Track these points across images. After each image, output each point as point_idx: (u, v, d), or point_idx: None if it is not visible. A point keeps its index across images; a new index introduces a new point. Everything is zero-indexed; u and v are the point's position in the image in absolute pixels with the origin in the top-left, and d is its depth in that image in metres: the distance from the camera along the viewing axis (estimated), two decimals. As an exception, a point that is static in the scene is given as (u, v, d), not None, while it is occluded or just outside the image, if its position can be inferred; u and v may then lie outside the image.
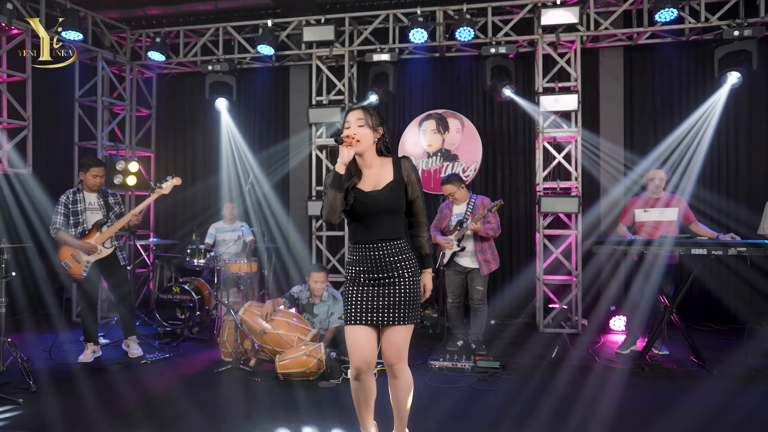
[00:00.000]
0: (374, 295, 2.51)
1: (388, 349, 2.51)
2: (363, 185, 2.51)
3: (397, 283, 2.50)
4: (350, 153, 2.41)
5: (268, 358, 4.47)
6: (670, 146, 6.03)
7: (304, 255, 6.69)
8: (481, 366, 4.30)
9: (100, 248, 4.55)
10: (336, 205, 2.42)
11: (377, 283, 2.51)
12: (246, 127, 7.18)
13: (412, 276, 2.52)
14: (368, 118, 2.51)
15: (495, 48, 5.70)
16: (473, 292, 4.91)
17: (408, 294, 2.50)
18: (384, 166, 2.55)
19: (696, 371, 4.33)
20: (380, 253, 2.49)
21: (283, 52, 6.52)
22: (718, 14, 5.53)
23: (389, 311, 2.49)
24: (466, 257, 4.89)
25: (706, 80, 6.05)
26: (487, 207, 4.77)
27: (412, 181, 2.54)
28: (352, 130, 2.48)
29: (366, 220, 2.50)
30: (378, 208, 2.47)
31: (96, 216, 4.62)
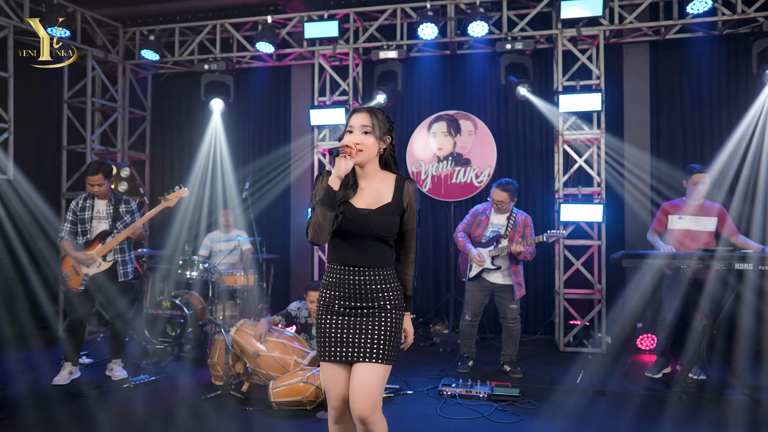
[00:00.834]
0: (349, 327, 2.11)
1: (359, 395, 2.03)
2: (356, 200, 2.11)
3: (378, 315, 2.10)
4: (348, 165, 2.01)
5: (263, 383, 4.05)
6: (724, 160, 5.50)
7: (306, 266, 6.28)
8: (499, 393, 3.85)
9: (99, 261, 4.20)
10: (325, 225, 2.01)
11: (354, 314, 2.11)
12: (245, 130, 6.81)
13: (395, 309, 2.13)
14: (376, 124, 2.10)
15: (511, 44, 5.28)
16: (507, 311, 4.46)
17: (389, 329, 2.10)
18: (385, 183, 2.15)
19: (740, 401, 3.86)
20: (361, 278, 2.09)
21: (283, 50, 6.14)
22: (755, 5, 5.07)
23: (365, 347, 2.07)
24: (498, 274, 4.45)
25: (739, 77, 5.59)
26: (533, 238, 4.35)
27: (412, 210, 2.15)
28: (354, 137, 2.08)
29: (350, 240, 2.10)
30: (366, 230, 2.07)
31: (102, 225, 4.27)
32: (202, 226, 6.52)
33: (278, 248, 6.37)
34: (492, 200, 4.43)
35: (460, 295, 6.00)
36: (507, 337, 4.55)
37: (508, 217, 4.43)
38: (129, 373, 4.39)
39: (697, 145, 5.70)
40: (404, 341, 2.24)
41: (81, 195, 4.32)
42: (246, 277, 5.38)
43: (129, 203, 4.38)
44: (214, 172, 6.85)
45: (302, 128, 6.38)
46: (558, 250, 5.50)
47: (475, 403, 3.79)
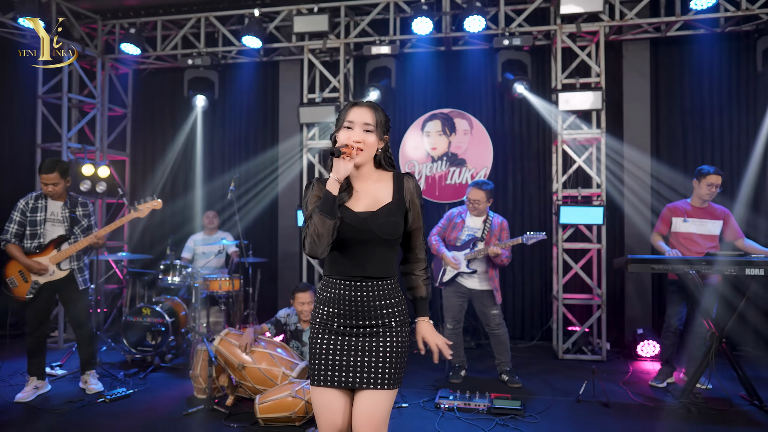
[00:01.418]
0: (350, 349, 1.86)
1: (365, 426, 1.81)
2: (352, 203, 1.88)
3: (382, 334, 1.87)
4: (348, 167, 1.78)
5: (248, 396, 3.80)
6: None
7: (294, 270, 6.03)
8: (499, 407, 3.64)
9: (52, 269, 3.88)
10: (324, 234, 1.76)
11: (355, 333, 1.87)
12: (230, 128, 6.54)
13: (400, 326, 1.91)
14: (377, 121, 1.88)
15: (508, 39, 5.08)
16: (488, 318, 4.27)
17: (395, 350, 1.87)
18: (381, 182, 1.93)
19: (751, 412, 3.69)
20: (364, 294, 1.85)
21: (271, 45, 5.88)
22: (759, 2, 4.93)
23: (368, 371, 1.84)
24: (474, 279, 4.26)
25: (741, 77, 5.45)
26: (510, 241, 4.17)
27: (416, 207, 1.93)
28: (355, 135, 1.84)
29: (350, 249, 1.86)
30: (368, 235, 1.83)
31: (57, 230, 3.93)
32: (185, 228, 6.24)
33: (265, 252, 6.11)
34: (468, 200, 4.27)
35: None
36: (497, 345, 4.35)
37: (485, 220, 4.26)
38: (104, 385, 4.11)
39: (697, 147, 5.55)
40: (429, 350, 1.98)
41: (31, 194, 3.95)
42: (231, 282, 5.11)
43: (86, 206, 4.07)
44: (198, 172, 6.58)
45: (291, 126, 6.13)
46: (556, 254, 5.32)
47: (474, 416, 3.57)
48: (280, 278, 6.13)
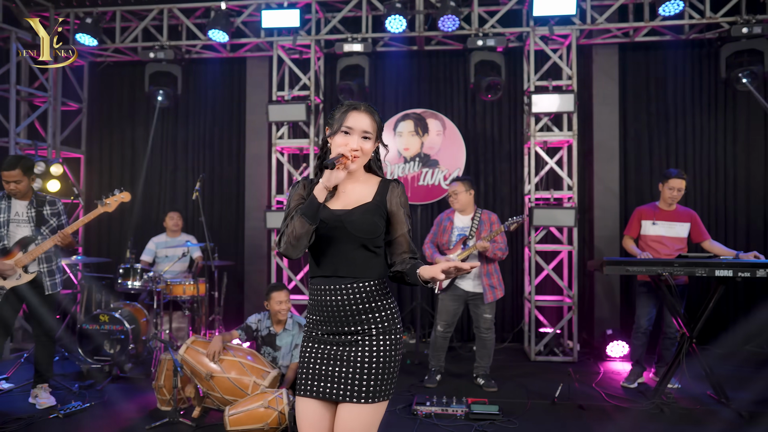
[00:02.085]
0: (331, 358, 1.77)
1: None
2: (332, 202, 1.80)
3: (361, 343, 1.76)
4: (341, 176, 1.70)
5: (217, 407, 3.61)
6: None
7: (261, 273, 5.83)
8: (477, 412, 3.58)
9: (18, 272, 3.60)
10: (302, 237, 1.71)
11: (336, 342, 1.78)
12: (194, 125, 6.27)
13: (383, 335, 1.77)
14: (375, 128, 1.80)
15: (482, 40, 5.05)
16: (480, 320, 4.21)
17: (378, 360, 1.75)
18: (366, 184, 1.84)
19: (720, 411, 3.75)
20: (341, 298, 1.75)
21: (239, 40, 5.67)
22: (721, 11, 5.08)
23: (347, 383, 1.73)
24: (469, 280, 4.19)
25: (703, 82, 5.61)
26: (494, 230, 4.12)
27: (398, 214, 1.81)
28: (353, 143, 1.75)
29: (325, 248, 1.78)
30: (341, 233, 1.75)
31: (22, 230, 3.67)
32: (145, 230, 5.94)
33: (230, 255, 5.88)
34: (448, 195, 4.27)
35: (427, 303, 5.73)
36: (481, 348, 4.31)
37: (472, 217, 4.23)
38: (58, 399, 3.82)
39: (662, 150, 5.68)
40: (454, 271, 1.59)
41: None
42: (196, 287, 4.88)
43: (54, 204, 3.81)
44: (160, 171, 6.29)
45: (258, 124, 5.92)
46: (528, 256, 5.33)
47: (453, 422, 3.50)
48: (247, 282, 5.92)
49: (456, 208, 4.27)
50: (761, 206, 5.59)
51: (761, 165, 5.59)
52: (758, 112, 5.55)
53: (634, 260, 3.87)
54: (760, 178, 5.58)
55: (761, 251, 5.23)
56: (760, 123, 5.58)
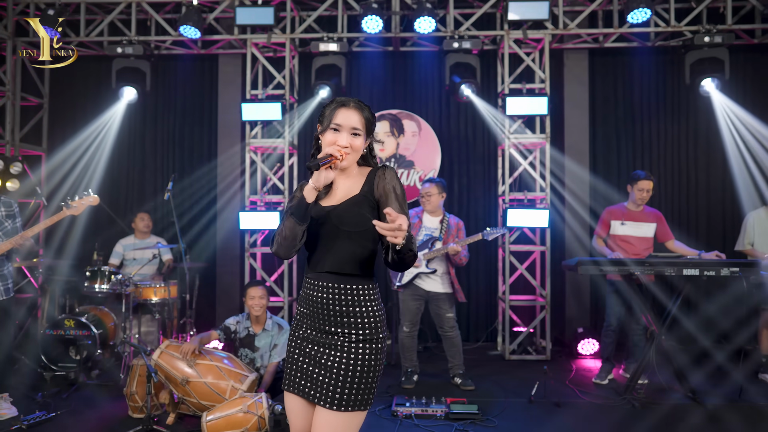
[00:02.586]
0: (312, 358, 1.76)
1: None
2: (325, 199, 1.80)
3: (340, 347, 1.72)
4: (330, 176, 1.69)
5: (192, 413, 3.51)
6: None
7: (234, 275, 5.72)
8: (457, 412, 3.60)
9: None
10: (291, 238, 1.71)
11: (318, 340, 1.76)
12: (164, 124, 6.10)
13: (365, 342, 1.72)
14: (365, 124, 1.78)
15: (458, 42, 5.10)
16: (443, 320, 4.25)
17: (353, 368, 1.69)
18: (357, 177, 1.82)
19: (687, 404, 3.90)
20: (326, 296, 1.74)
21: (211, 37, 5.54)
22: (685, 21, 5.29)
23: (322, 387, 1.70)
24: (431, 280, 4.22)
25: (667, 88, 5.83)
26: (462, 239, 4.20)
27: (385, 196, 1.75)
28: (342, 140, 1.73)
29: (316, 244, 1.78)
30: (329, 228, 1.74)
31: None
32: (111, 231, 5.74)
33: (201, 256, 5.75)
34: (420, 195, 4.30)
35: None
36: (450, 347, 4.35)
37: (441, 220, 4.28)
38: (20, 409, 3.63)
39: (629, 153, 5.87)
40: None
41: None
42: (167, 289, 4.75)
43: (10, 206, 3.61)
44: (127, 170, 6.09)
45: (231, 123, 5.81)
46: (502, 256, 5.41)
47: (433, 423, 3.51)
48: (219, 284, 5.79)
49: (427, 209, 4.29)
50: (720, 207, 5.84)
51: (719, 168, 5.84)
52: (717, 117, 5.80)
53: (608, 260, 3.98)
54: (719, 181, 5.83)
55: (720, 249, 5.47)
56: (716, 128, 5.83)
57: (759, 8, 5.33)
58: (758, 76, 5.77)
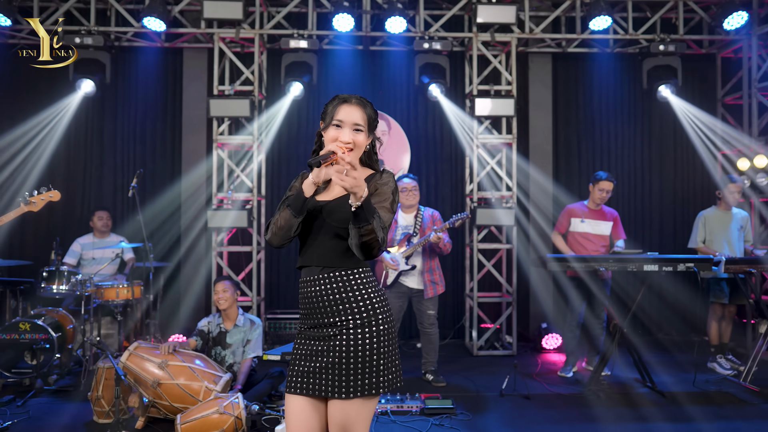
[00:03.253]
0: (316, 354, 1.75)
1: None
2: (321, 195, 1.82)
3: (339, 337, 1.73)
4: (331, 172, 1.65)
5: (163, 416, 3.41)
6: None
7: (200, 275, 5.57)
8: (432, 407, 3.65)
9: None
10: (286, 228, 1.74)
11: (319, 336, 1.77)
12: (125, 118, 5.87)
13: (361, 327, 1.73)
14: (367, 120, 1.79)
15: (428, 43, 5.17)
16: (424, 317, 4.31)
17: (354, 355, 1.71)
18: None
19: (647, 393, 4.11)
20: (317, 288, 1.75)
21: (176, 30, 5.38)
22: (641, 29, 5.55)
23: (328, 377, 1.72)
24: (413, 277, 4.27)
25: (624, 92, 6.11)
26: (439, 227, 4.21)
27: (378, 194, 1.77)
28: (345, 137, 1.73)
29: (307, 238, 1.81)
30: (320, 222, 1.76)
31: None
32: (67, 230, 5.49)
33: (165, 255, 5.57)
34: (402, 190, 4.32)
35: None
36: (426, 344, 4.41)
37: (416, 215, 4.34)
38: (-27, 418, 3.43)
39: (590, 154, 6.11)
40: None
41: None
42: (131, 290, 4.58)
43: None
44: (84, 166, 5.83)
45: (196, 119, 5.66)
46: (469, 254, 5.51)
47: (409, 419, 3.55)
48: (184, 284, 5.62)
49: (407, 205, 4.33)
50: (671, 207, 6.17)
51: (671, 171, 6.17)
52: (669, 121, 6.13)
53: (575, 257, 4.15)
54: (670, 183, 6.16)
55: (672, 248, 5.81)
56: (670, 132, 6.16)
57: (706, 20, 5.67)
58: (705, 84, 6.14)
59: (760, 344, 4.36)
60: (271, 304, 5.82)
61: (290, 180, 5.85)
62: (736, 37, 5.58)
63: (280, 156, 5.88)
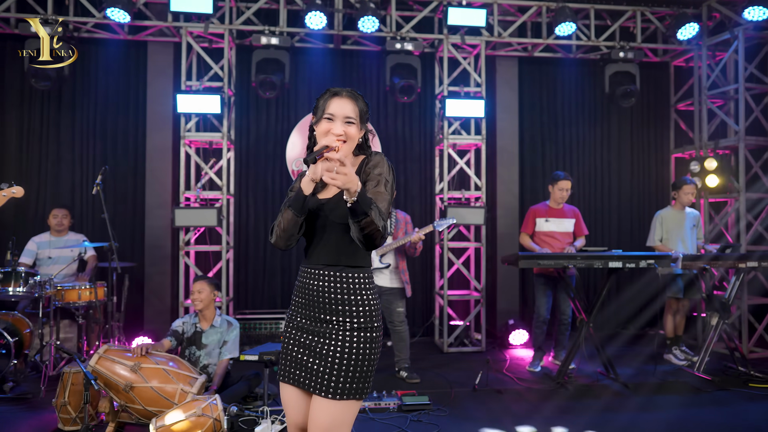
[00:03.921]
0: (306, 347, 1.78)
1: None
2: (321, 192, 1.83)
3: (335, 336, 1.74)
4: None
5: (135, 421, 3.30)
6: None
7: (164, 275, 5.41)
8: (409, 403, 3.69)
9: None
10: (290, 229, 1.75)
11: (312, 329, 1.78)
12: (84, 112, 5.62)
13: (359, 331, 1.74)
14: (359, 112, 1.80)
15: (400, 43, 5.21)
16: (394, 315, 4.35)
17: (347, 357, 1.72)
18: (353, 167, 1.80)
19: (610, 384, 4.30)
20: (322, 283, 1.77)
21: (141, 22, 5.20)
22: (602, 36, 5.79)
23: (317, 376, 1.72)
24: (383, 275, 4.31)
25: (585, 96, 6.36)
26: (421, 229, 4.31)
27: (368, 180, 1.77)
28: (337, 129, 1.74)
29: (312, 236, 1.82)
30: (323, 221, 1.78)
31: None
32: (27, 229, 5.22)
33: (127, 255, 5.38)
34: None
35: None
36: (398, 341, 4.46)
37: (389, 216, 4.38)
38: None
39: (553, 155, 6.32)
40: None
41: None
42: (93, 291, 4.39)
43: None
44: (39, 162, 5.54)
45: (162, 115, 5.49)
46: (439, 252, 5.59)
47: (387, 416, 3.58)
48: (147, 285, 5.44)
49: None
50: (628, 206, 6.46)
51: (628, 172, 6.47)
52: (626, 125, 6.43)
53: (545, 254, 4.28)
54: (628, 184, 6.46)
55: (629, 245, 6.09)
56: (627, 135, 6.46)
57: (662, 30, 5.97)
58: (659, 91, 6.47)
59: (711, 336, 4.63)
60: (239, 305, 5.72)
61: (260, 178, 5.80)
62: (688, 47, 5.90)
63: (249, 154, 5.79)
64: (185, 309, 5.02)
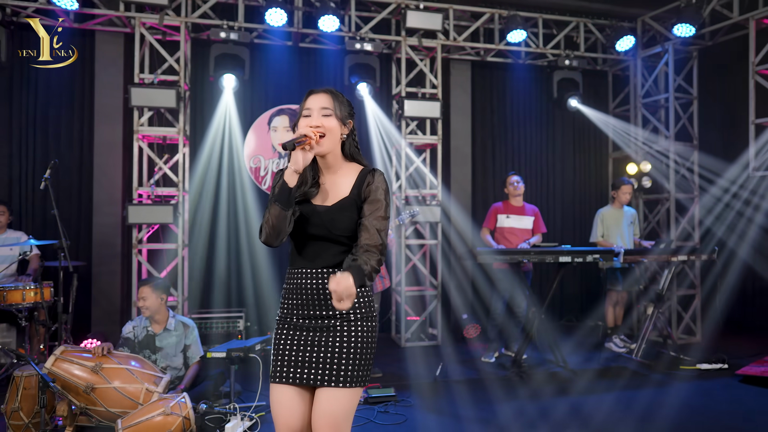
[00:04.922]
0: (309, 344, 1.81)
1: (322, 424, 1.74)
2: (316, 197, 1.85)
3: (340, 328, 1.80)
4: (308, 157, 1.72)
5: (95, 424, 3.19)
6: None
7: (113, 275, 5.20)
8: (375, 396, 3.78)
9: None
10: (279, 225, 1.73)
11: (314, 327, 1.82)
12: (21, 102, 5.26)
13: (361, 320, 1.82)
14: (337, 105, 1.83)
15: (360, 43, 5.29)
16: None
17: (356, 345, 1.79)
18: (346, 176, 1.86)
19: (560, 372, 4.58)
20: (320, 282, 1.81)
21: (90, 11, 4.97)
22: (549, 44, 6.13)
23: (327, 367, 1.78)
24: None
25: (533, 101, 6.69)
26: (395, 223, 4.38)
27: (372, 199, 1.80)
28: (314, 121, 1.78)
29: (308, 243, 1.84)
30: (322, 230, 1.81)
31: None
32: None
33: (73, 254, 5.10)
34: None
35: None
36: None
37: None
38: None
39: (503, 156, 6.61)
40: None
41: None
42: (39, 292, 4.16)
43: None
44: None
45: (110, 108, 5.27)
46: (396, 249, 5.71)
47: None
48: (96, 285, 5.21)
49: None
50: (571, 205, 6.87)
51: (571, 173, 6.87)
52: (570, 130, 6.83)
53: (501, 250, 4.50)
54: (571, 184, 6.86)
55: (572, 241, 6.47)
56: (569, 139, 6.87)
57: (601, 41, 6.40)
58: (598, 97, 6.91)
59: (647, 325, 5.03)
60: (194, 304, 5.57)
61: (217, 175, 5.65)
62: (625, 58, 6.35)
63: (205, 150, 5.65)
64: (138, 309, 4.84)
